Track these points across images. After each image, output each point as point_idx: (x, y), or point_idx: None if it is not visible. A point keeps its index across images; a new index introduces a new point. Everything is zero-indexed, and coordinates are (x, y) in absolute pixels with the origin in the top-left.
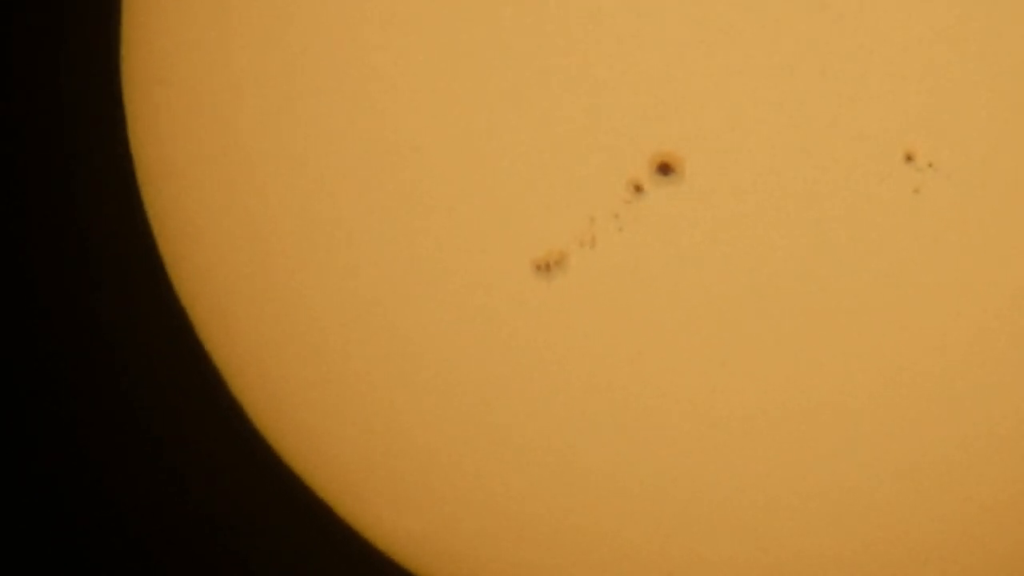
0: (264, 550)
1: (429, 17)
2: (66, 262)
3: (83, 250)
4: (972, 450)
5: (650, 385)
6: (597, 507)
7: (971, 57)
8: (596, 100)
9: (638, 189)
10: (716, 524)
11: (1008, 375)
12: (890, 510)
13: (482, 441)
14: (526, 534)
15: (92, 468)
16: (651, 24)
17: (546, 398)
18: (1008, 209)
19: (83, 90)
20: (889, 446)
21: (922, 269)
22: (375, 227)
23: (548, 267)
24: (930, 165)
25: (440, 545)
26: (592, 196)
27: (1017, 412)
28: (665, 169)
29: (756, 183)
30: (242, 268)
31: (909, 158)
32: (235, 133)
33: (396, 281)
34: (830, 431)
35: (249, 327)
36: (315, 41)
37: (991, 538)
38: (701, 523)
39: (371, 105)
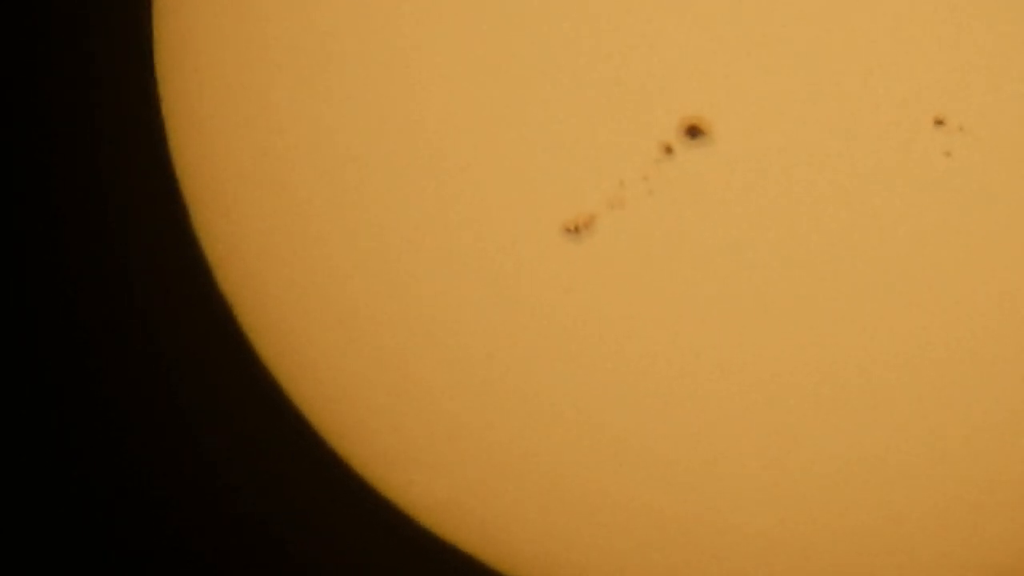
0: (301, 525)
1: None
2: (102, 250)
3: (121, 237)
4: (1013, 413)
5: (678, 347)
6: (622, 469)
7: (1001, 22)
8: (627, 63)
9: (668, 151)
10: (742, 489)
11: None
12: (934, 477)
13: (509, 403)
14: (554, 499)
15: (128, 452)
16: None
17: (574, 359)
18: None
19: (117, 74)
20: (920, 408)
21: (954, 232)
22: (406, 192)
23: (577, 229)
24: (960, 129)
25: (469, 510)
26: (622, 158)
27: None
28: (694, 132)
29: (786, 146)
30: (277, 245)
31: (940, 122)
32: (268, 99)
33: (427, 245)
34: (861, 393)
35: (285, 303)
36: (348, 8)
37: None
38: (731, 487)
39: (403, 72)
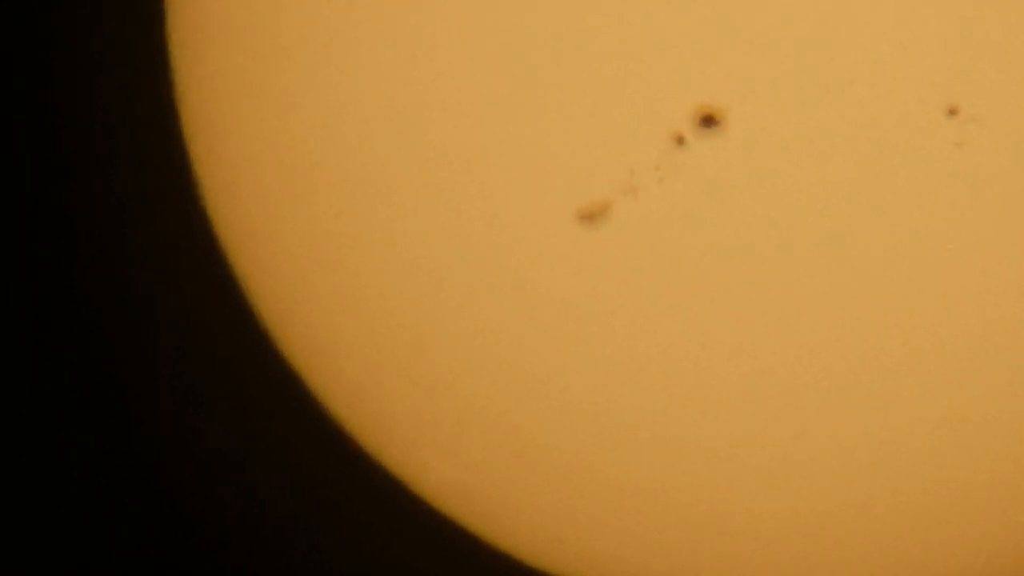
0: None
1: None
2: (115, 243)
3: (132, 230)
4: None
5: (691, 335)
6: (634, 457)
7: (1014, 12)
8: (640, 51)
9: (680, 141)
10: (752, 479)
11: None
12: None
13: (523, 389)
14: (569, 486)
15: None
16: None
17: (589, 345)
18: None
19: (130, 65)
20: (927, 401)
21: (965, 223)
22: (420, 180)
23: (591, 217)
24: (972, 119)
25: (482, 493)
26: (634, 147)
27: None
28: (708, 121)
29: (798, 136)
30: (293, 235)
31: (952, 112)
32: (283, 88)
33: (441, 233)
34: (872, 383)
35: (301, 291)
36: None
37: None
38: (742, 477)
39: (417, 59)
